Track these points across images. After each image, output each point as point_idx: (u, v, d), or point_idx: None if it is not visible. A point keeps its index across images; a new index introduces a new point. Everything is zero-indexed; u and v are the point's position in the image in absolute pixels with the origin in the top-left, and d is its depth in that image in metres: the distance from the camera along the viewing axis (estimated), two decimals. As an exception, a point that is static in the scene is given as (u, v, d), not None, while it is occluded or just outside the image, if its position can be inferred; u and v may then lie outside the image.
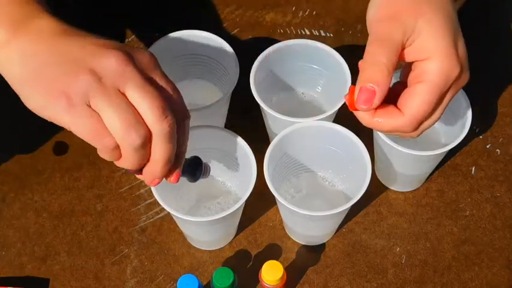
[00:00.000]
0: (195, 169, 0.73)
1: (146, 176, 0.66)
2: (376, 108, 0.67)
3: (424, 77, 0.66)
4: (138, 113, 0.62)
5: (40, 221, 0.89)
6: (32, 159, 0.93)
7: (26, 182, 0.91)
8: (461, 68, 0.67)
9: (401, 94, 0.67)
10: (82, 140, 0.63)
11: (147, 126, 0.63)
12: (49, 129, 0.93)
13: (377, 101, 0.65)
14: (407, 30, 0.66)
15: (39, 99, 0.63)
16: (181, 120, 0.66)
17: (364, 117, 0.68)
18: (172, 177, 0.68)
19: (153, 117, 0.62)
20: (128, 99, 0.62)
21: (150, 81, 0.63)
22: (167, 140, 0.64)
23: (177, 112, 0.65)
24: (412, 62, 0.69)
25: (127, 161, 0.64)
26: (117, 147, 0.63)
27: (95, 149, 0.65)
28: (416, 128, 0.68)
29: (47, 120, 0.65)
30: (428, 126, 0.69)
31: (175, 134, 0.64)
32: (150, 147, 0.64)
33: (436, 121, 0.69)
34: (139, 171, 0.66)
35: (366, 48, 0.67)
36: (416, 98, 0.66)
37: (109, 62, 0.61)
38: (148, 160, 0.65)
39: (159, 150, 0.64)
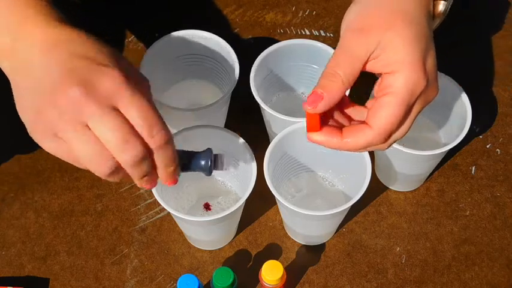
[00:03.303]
0: (206, 163, 0.70)
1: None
2: (342, 130, 0.67)
3: (390, 89, 0.66)
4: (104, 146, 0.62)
5: (40, 221, 0.89)
6: (32, 159, 0.93)
7: (26, 182, 0.91)
8: (427, 82, 0.67)
9: (370, 109, 0.68)
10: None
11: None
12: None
13: (322, 106, 0.66)
14: (372, 45, 0.66)
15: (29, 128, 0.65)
16: (158, 145, 0.64)
17: (331, 141, 0.68)
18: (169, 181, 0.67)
19: (115, 148, 0.62)
20: (93, 132, 0.62)
21: (111, 113, 0.62)
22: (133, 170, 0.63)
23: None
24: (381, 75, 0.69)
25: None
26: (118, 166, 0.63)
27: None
28: (386, 140, 0.68)
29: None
30: (398, 138, 0.69)
31: (144, 160, 0.63)
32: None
33: (406, 133, 0.69)
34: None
35: (332, 55, 0.67)
36: (383, 111, 0.66)
37: (67, 98, 0.60)
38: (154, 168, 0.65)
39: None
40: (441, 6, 0.73)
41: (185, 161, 0.69)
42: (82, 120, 0.60)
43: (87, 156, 0.61)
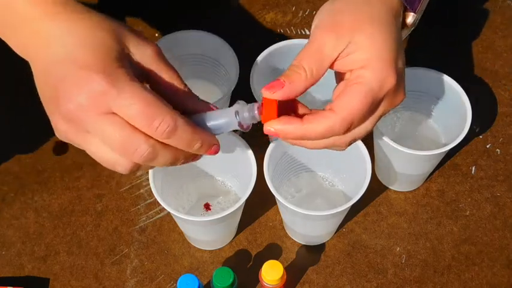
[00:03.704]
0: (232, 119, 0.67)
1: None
2: (303, 117, 0.66)
3: (360, 79, 0.66)
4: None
5: (40, 221, 0.89)
6: (32, 159, 0.93)
7: (26, 182, 0.91)
8: (397, 82, 0.67)
9: (336, 97, 0.67)
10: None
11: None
12: (49, 129, 0.93)
13: (280, 93, 0.65)
14: (341, 44, 0.66)
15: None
16: (166, 136, 0.64)
17: (288, 128, 0.66)
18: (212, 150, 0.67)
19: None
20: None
21: (106, 119, 0.62)
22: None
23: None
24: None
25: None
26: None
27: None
28: (347, 130, 0.66)
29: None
30: (358, 137, 0.68)
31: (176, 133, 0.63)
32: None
33: (367, 133, 0.68)
34: None
35: (301, 50, 0.67)
36: (349, 97, 0.66)
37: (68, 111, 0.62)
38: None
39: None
40: (410, 18, 0.73)
41: (213, 124, 0.67)
42: (83, 130, 0.62)
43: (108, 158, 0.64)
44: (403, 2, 0.71)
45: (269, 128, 0.66)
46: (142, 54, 0.64)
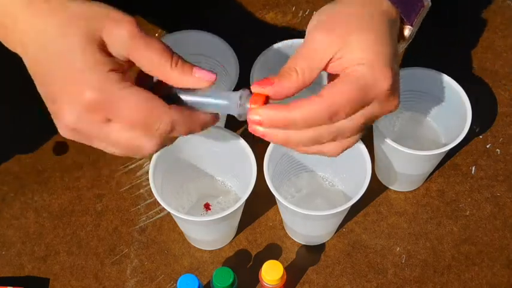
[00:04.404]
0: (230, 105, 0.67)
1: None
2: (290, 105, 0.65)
3: (354, 73, 0.65)
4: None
5: (40, 221, 0.89)
6: (32, 159, 0.93)
7: (26, 182, 0.91)
8: (391, 86, 0.66)
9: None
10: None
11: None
12: (49, 129, 0.93)
13: (269, 89, 0.64)
14: (335, 46, 0.66)
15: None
16: (168, 132, 0.64)
17: (273, 114, 0.64)
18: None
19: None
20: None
21: (105, 128, 0.63)
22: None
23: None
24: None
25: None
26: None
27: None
28: (332, 116, 0.64)
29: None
30: (344, 133, 0.66)
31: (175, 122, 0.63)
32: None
33: (354, 132, 0.66)
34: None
35: (296, 50, 0.67)
36: (339, 84, 0.64)
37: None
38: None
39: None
40: (407, 31, 0.73)
41: (211, 104, 0.66)
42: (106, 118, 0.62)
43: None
44: (401, 15, 0.71)
45: (253, 116, 0.64)
46: (117, 42, 0.62)
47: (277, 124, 0.65)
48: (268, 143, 0.82)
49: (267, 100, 0.65)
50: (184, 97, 0.65)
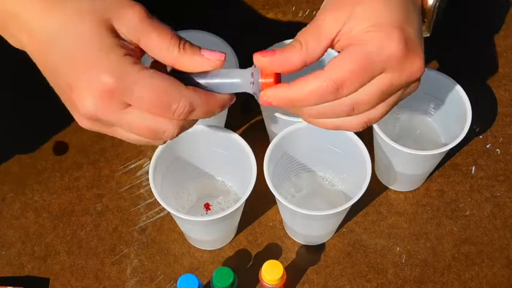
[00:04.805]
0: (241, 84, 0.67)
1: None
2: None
3: (358, 42, 0.63)
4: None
5: (40, 221, 0.89)
6: (32, 159, 0.93)
7: (26, 182, 0.91)
8: (403, 47, 0.63)
9: None
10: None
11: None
12: (49, 129, 0.93)
13: (270, 58, 0.63)
14: (341, 19, 0.64)
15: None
16: (184, 117, 0.64)
17: (279, 91, 0.64)
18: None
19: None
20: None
21: (127, 114, 0.63)
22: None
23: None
24: None
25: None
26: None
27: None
28: (337, 88, 0.62)
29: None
30: (359, 101, 0.63)
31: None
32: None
33: (374, 108, 0.64)
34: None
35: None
36: (341, 56, 0.63)
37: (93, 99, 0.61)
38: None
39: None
40: (430, 1, 0.70)
41: (225, 84, 0.66)
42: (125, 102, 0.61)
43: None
44: None
45: (263, 99, 0.65)
46: (128, 26, 0.62)
47: (287, 104, 0.65)
48: (268, 143, 0.82)
49: (278, 75, 0.64)
50: (197, 80, 0.65)
